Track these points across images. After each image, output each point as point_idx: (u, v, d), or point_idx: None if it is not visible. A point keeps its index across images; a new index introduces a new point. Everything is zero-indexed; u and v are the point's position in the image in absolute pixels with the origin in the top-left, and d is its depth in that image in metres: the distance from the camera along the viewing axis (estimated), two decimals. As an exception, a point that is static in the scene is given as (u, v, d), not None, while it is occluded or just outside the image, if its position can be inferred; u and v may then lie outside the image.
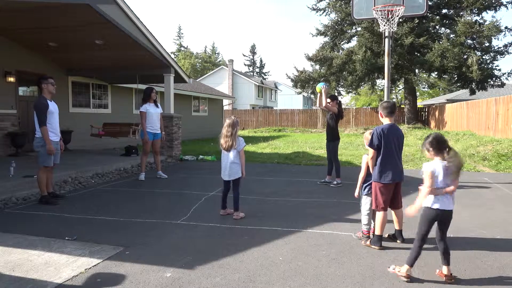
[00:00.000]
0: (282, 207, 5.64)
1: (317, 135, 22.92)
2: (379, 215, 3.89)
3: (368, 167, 4.09)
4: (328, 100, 7.51)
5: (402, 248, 3.87)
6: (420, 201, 3.13)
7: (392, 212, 4.08)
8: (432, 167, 3.12)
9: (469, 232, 4.41)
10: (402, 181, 4.03)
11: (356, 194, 4.28)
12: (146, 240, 4.12)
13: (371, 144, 3.89)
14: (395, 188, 3.98)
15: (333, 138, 7.40)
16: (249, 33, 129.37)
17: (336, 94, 26.80)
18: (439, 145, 3.16)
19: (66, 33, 8.99)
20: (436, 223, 3.16)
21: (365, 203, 4.18)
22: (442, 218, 3.14)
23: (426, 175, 3.10)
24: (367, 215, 4.14)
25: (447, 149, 3.16)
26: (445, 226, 3.17)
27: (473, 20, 20.68)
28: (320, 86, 7.30)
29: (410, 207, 3.15)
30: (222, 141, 4.92)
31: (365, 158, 4.15)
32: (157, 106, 8.08)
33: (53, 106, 5.75)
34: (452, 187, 3.10)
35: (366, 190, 4.17)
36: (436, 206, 3.10)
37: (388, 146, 3.87)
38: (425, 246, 3.21)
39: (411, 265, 3.16)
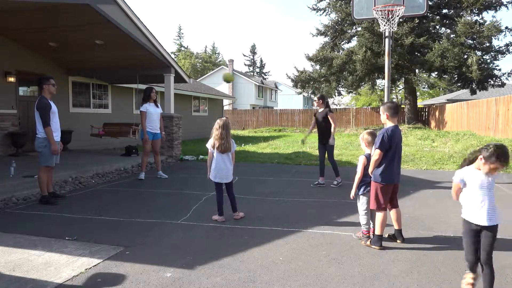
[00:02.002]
0: (282, 207, 5.64)
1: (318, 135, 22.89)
2: (379, 215, 3.89)
3: (364, 167, 4.08)
4: (316, 99, 7.49)
5: (402, 248, 3.87)
6: None
7: (391, 212, 4.08)
8: None
9: (469, 232, 4.40)
10: (399, 182, 4.04)
11: (352, 195, 4.27)
12: (146, 240, 4.12)
13: (381, 146, 3.81)
14: (393, 188, 3.99)
15: (328, 140, 7.30)
16: (249, 33, 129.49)
17: (336, 94, 26.80)
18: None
19: (66, 33, 9.00)
20: None
21: (362, 203, 4.17)
22: None
23: None
24: (365, 214, 4.13)
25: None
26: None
27: (473, 20, 20.65)
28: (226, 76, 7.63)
29: None
30: (216, 143, 4.77)
31: (361, 159, 4.13)
32: (157, 106, 8.08)
33: (54, 106, 5.76)
34: None
35: (362, 189, 4.16)
36: None
37: (392, 148, 3.87)
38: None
39: None
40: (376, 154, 3.86)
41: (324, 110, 7.26)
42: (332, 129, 7.17)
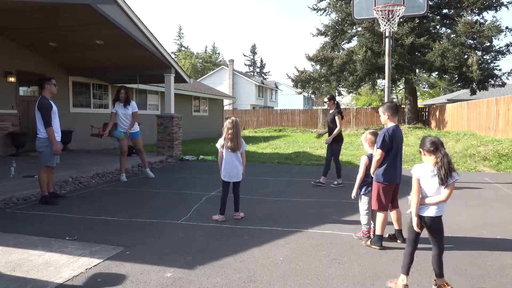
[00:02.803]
0: (283, 207, 5.64)
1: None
2: (380, 215, 3.89)
3: (366, 168, 4.07)
4: (326, 99, 7.49)
5: (403, 248, 3.85)
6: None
7: (391, 212, 4.08)
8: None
9: (469, 232, 4.41)
10: (400, 183, 4.04)
11: (353, 195, 4.26)
12: (146, 240, 4.12)
13: (383, 146, 3.81)
14: (394, 188, 3.99)
15: (337, 140, 7.33)
16: (250, 33, 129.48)
17: (337, 94, 26.80)
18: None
19: (66, 33, 9.00)
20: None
21: (363, 203, 4.17)
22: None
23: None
24: (366, 214, 4.13)
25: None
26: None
27: (474, 20, 20.66)
28: None
29: None
30: (229, 143, 4.77)
31: (364, 159, 4.12)
32: (126, 106, 7.85)
33: (54, 106, 5.76)
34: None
35: (364, 189, 4.15)
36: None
37: (394, 147, 3.87)
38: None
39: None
40: (378, 153, 3.84)
41: (334, 112, 7.26)
42: (336, 131, 7.17)
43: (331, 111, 7.39)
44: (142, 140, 8.16)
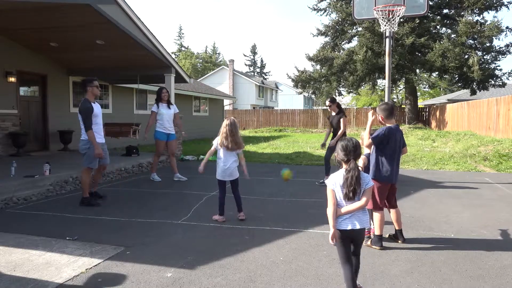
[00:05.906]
0: (283, 207, 5.64)
1: (318, 135, 22.90)
2: (377, 215, 3.90)
3: (364, 168, 4.08)
4: (328, 103, 7.51)
5: (403, 248, 3.87)
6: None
7: (390, 213, 4.09)
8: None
9: (470, 232, 4.40)
10: (396, 183, 4.06)
11: None
12: (146, 240, 4.12)
13: (374, 138, 3.90)
14: (390, 188, 4.01)
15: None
16: (250, 33, 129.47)
17: (337, 94, 26.80)
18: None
19: (66, 33, 9.00)
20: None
21: None
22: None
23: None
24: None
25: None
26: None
27: (474, 20, 20.66)
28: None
29: None
30: (225, 141, 4.78)
31: (361, 159, 4.13)
32: (169, 106, 7.89)
33: (97, 108, 5.76)
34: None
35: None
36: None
37: (391, 146, 3.89)
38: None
39: None
40: (367, 142, 3.98)
41: (338, 115, 7.29)
42: (339, 132, 7.17)
43: (333, 114, 7.43)
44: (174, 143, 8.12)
